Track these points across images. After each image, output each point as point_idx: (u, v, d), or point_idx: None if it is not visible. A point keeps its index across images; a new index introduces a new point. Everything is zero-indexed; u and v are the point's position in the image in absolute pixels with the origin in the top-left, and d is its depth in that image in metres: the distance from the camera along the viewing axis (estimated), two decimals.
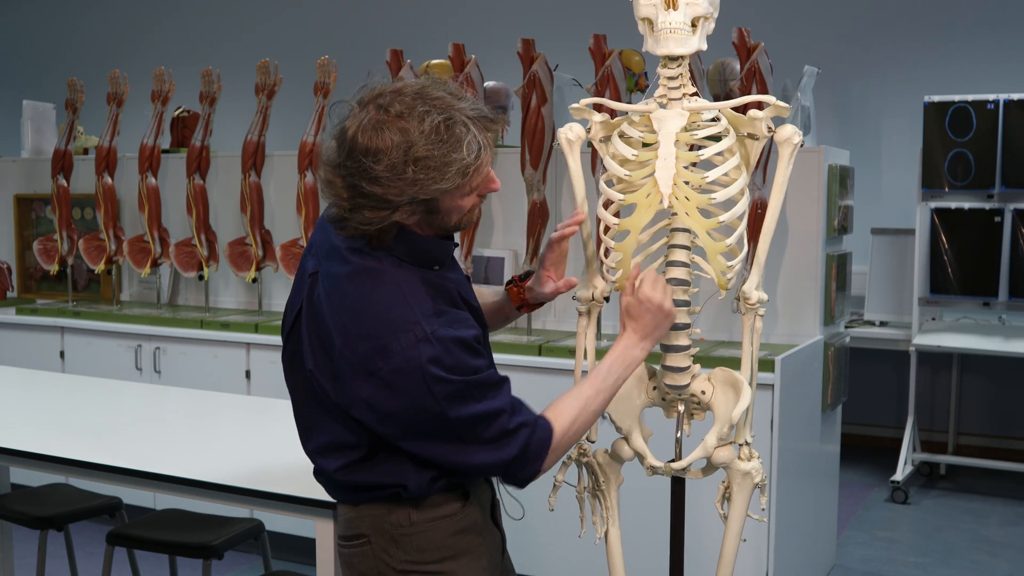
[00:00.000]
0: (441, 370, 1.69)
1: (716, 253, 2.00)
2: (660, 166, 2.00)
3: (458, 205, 1.78)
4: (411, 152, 1.67)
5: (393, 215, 1.71)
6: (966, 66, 6.13)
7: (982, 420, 6.16)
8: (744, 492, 2.17)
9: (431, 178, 1.68)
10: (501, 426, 1.76)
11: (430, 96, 1.71)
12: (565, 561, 3.78)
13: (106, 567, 2.99)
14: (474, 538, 1.89)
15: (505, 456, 1.77)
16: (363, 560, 1.86)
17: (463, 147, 1.70)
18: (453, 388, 1.71)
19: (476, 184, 1.76)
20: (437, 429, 1.74)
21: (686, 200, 1.99)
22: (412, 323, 1.71)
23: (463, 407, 1.72)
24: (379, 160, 1.67)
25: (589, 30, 3.95)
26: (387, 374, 1.70)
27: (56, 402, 3.37)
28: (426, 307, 1.74)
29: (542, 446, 1.81)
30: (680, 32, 1.97)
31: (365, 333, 1.72)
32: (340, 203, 1.74)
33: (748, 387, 2.11)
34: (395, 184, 1.68)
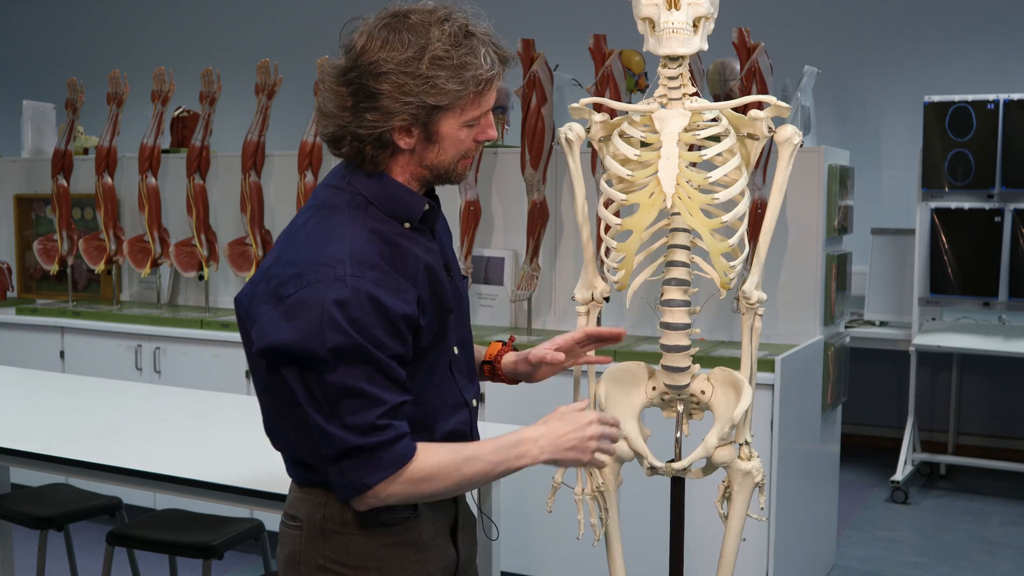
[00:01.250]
0: (342, 318, 1.57)
1: (718, 253, 2.00)
2: (663, 166, 2.00)
3: (457, 137, 1.69)
4: (427, 50, 1.61)
5: (395, 121, 1.64)
6: (966, 66, 6.13)
7: (982, 420, 6.16)
8: (744, 492, 2.17)
9: (444, 77, 1.62)
10: (369, 417, 1.60)
11: (451, 10, 1.67)
12: (565, 561, 3.78)
13: (106, 567, 2.99)
14: (409, 554, 1.76)
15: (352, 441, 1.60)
16: (291, 542, 1.78)
17: (480, 56, 1.65)
18: (345, 344, 1.58)
19: (481, 111, 1.70)
20: (312, 376, 1.61)
21: (688, 200, 1.99)
22: (336, 260, 1.62)
23: (346, 371, 1.59)
24: (392, 57, 1.61)
25: (589, 30, 3.95)
26: (291, 302, 1.61)
27: (56, 402, 3.37)
28: (361, 253, 1.64)
29: (393, 461, 1.62)
30: (682, 32, 1.97)
31: (290, 259, 1.66)
32: (341, 111, 1.67)
33: (749, 387, 2.11)
34: (406, 81, 1.62)
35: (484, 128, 1.73)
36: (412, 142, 1.69)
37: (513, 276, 4.26)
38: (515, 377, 2.03)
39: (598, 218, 2.17)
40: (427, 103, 1.63)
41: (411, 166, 1.72)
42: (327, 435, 1.62)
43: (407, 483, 1.64)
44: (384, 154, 1.70)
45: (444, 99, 1.63)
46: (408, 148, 1.69)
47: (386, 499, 1.66)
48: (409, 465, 1.63)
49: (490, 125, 1.74)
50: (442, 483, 1.67)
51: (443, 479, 1.67)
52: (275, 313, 1.63)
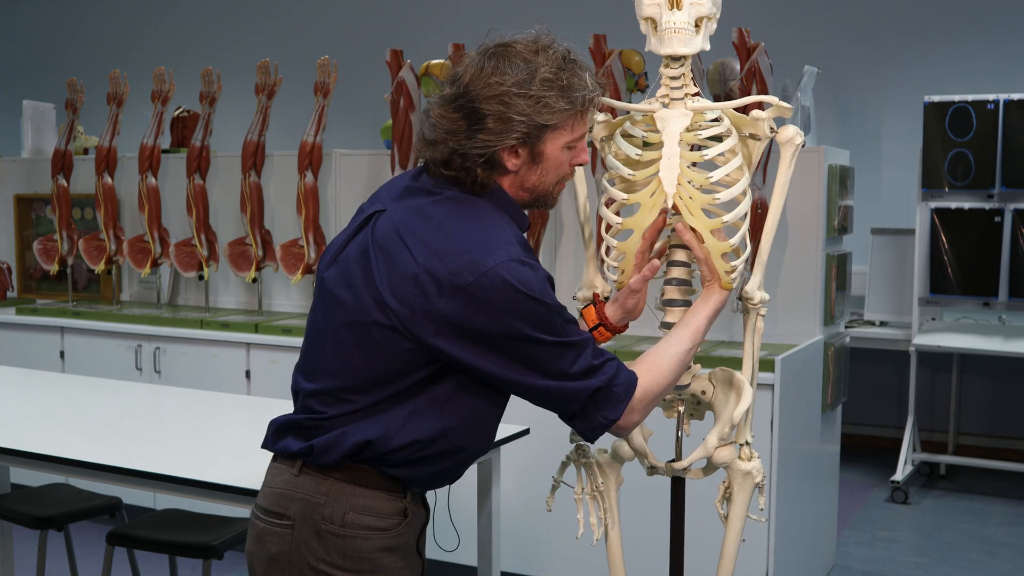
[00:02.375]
0: (530, 290, 1.69)
1: (719, 253, 2.00)
2: (664, 166, 2.00)
3: (558, 159, 1.80)
4: (536, 73, 1.73)
5: (505, 140, 1.73)
6: (966, 66, 6.13)
7: (982, 420, 6.16)
8: (745, 492, 2.17)
9: (553, 97, 1.73)
10: (587, 360, 1.75)
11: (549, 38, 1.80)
12: (565, 561, 3.78)
13: (106, 567, 2.99)
14: (398, 559, 1.81)
15: (588, 385, 1.75)
16: (278, 542, 1.78)
17: (584, 79, 1.77)
18: (540, 311, 1.70)
19: (579, 133, 1.80)
20: (522, 351, 1.72)
21: (690, 200, 1.99)
22: (505, 243, 1.72)
23: (549, 333, 1.71)
24: (504, 80, 1.72)
25: (589, 30, 3.95)
26: (477, 289, 1.68)
27: (56, 402, 3.37)
28: (520, 238, 1.78)
29: (627, 389, 1.79)
30: (684, 32, 1.97)
31: (454, 249, 1.70)
32: (452, 135, 1.75)
33: (749, 387, 2.11)
34: (518, 102, 1.72)
35: (579, 152, 1.84)
36: (519, 163, 1.78)
37: None
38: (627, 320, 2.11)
39: (599, 217, 2.17)
40: (537, 121, 1.74)
41: (514, 188, 1.82)
42: (565, 393, 1.76)
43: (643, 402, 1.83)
44: (492, 175, 1.79)
45: (553, 118, 1.75)
46: (514, 169, 1.79)
47: (638, 420, 1.85)
48: (638, 389, 1.81)
49: (584, 150, 1.85)
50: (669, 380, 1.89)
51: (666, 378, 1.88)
52: (460, 303, 1.68)
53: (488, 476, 2.81)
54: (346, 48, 7.16)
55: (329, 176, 4.69)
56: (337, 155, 4.70)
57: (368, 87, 6.39)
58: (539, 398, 1.78)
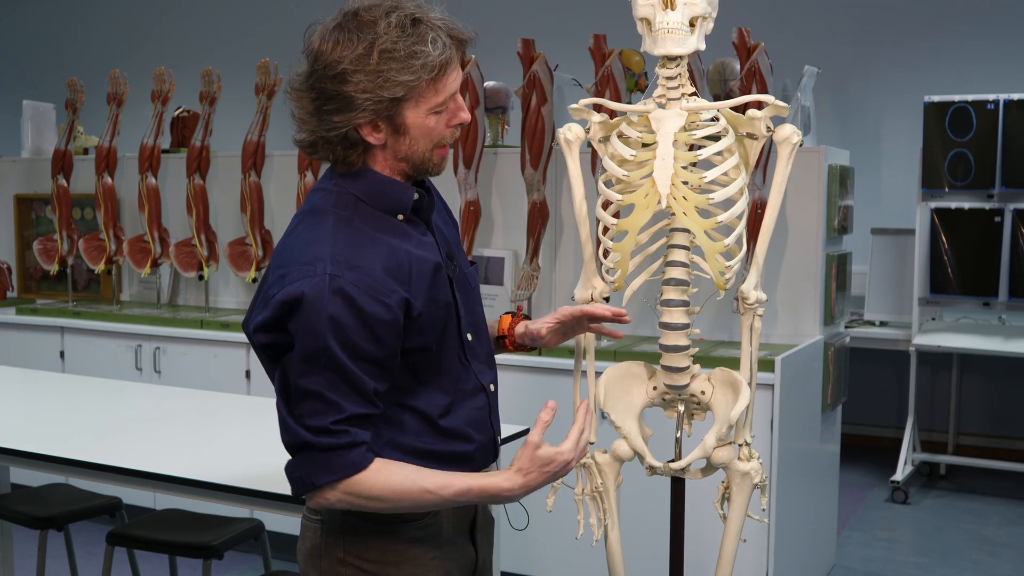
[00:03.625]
0: (316, 318, 1.60)
1: (714, 253, 2.00)
2: (658, 166, 2.00)
3: (424, 125, 1.69)
4: (376, 44, 1.62)
5: (357, 118, 1.65)
6: (966, 66, 6.13)
7: (982, 420, 6.16)
8: (743, 492, 2.17)
9: (395, 69, 1.62)
10: (325, 422, 1.62)
11: (398, 2, 1.67)
12: (565, 561, 3.78)
13: (106, 567, 2.99)
14: (427, 551, 1.78)
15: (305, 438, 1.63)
16: (312, 536, 1.80)
17: (428, 42, 1.64)
18: (313, 344, 1.60)
19: (442, 96, 1.68)
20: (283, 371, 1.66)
21: (684, 200, 1.99)
22: (318, 259, 1.63)
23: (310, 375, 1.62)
24: (344, 56, 1.62)
25: (589, 30, 3.95)
26: (275, 302, 1.64)
27: (56, 402, 3.37)
28: (342, 253, 1.64)
29: (344, 467, 1.64)
30: (678, 32, 1.97)
31: (277, 264, 1.69)
32: (309, 117, 1.68)
33: (747, 387, 2.11)
34: (360, 79, 1.62)
35: (454, 112, 1.73)
36: (382, 137, 1.69)
37: (513, 276, 4.26)
38: (530, 344, 2.07)
39: (597, 219, 2.17)
40: (384, 96, 1.63)
41: (388, 160, 1.73)
42: (286, 425, 1.67)
43: (353, 494, 1.66)
44: (355, 152, 1.71)
45: (399, 90, 1.63)
46: (379, 143, 1.70)
47: (334, 503, 1.68)
48: (359, 475, 1.65)
49: (460, 108, 1.73)
50: (390, 504, 1.69)
51: (392, 501, 1.68)
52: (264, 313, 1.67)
53: None
54: None
55: None
56: None
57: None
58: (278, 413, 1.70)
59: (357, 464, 1.65)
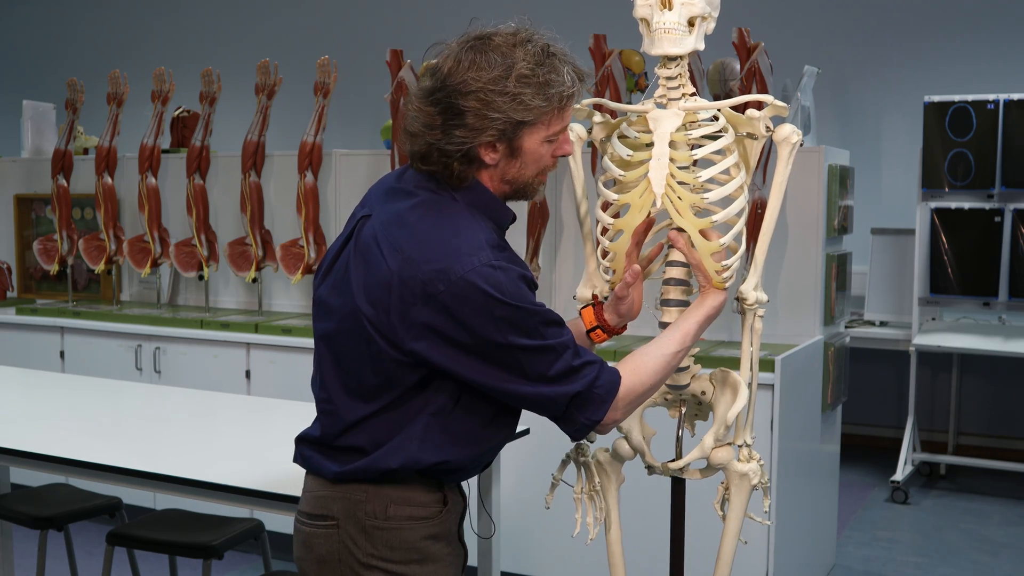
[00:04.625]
0: (502, 295, 1.69)
1: (708, 253, 1.99)
2: (654, 166, 1.99)
3: (538, 152, 1.79)
4: (513, 69, 1.71)
5: (482, 137, 1.73)
6: (966, 66, 6.13)
7: (982, 420, 6.16)
8: (741, 494, 2.16)
9: (530, 94, 1.71)
10: (566, 362, 1.74)
11: (532, 32, 1.78)
12: (565, 561, 3.78)
13: (106, 567, 2.99)
14: (444, 547, 1.85)
15: (568, 390, 1.74)
16: (326, 543, 1.81)
17: (563, 74, 1.75)
18: (514, 314, 1.70)
19: (562, 126, 1.79)
20: (499, 357, 1.72)
21: (679, 200, 1.98)
22: (477, 248, 1.72)
23: (525, 336, 1.71)
24: (480, 76, 1.71)
25: (589, 30, 3.95)
26: (447, 297, 1.68)
27: (56, 402, 3.37)
28: (491, 239, 1.76)
29: (609, 390, 1.78)
30: (675, 32, 1.97)
31: (426, 257, 1.71)
32: (430, 129, 1.75)
33: (745, 388, 2.10)
34: (494, 99, 1.71)
35: (562, 144, 1.83)
36: (497, 157, 1.78)
37: None
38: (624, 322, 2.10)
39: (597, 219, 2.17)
40: (514, 119, 1.73)
41: (494, 182, 1.82)
42: (544, 398, 1.75)
43: (627, 401, 1.83)
44: (470, 169, 1.79)
45: (530, 115, 1.73)
46: (493, 163, 1.79)
47: (621, 419, 1.85)
48: (622, 387, 1.80)
49: (567, 141, 1.84)
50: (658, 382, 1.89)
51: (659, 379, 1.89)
52: (432, 312, 1.70)
53: (488, 475, 2.81)
54: (346, 48, 7.16)
55: (329, 176, 4.69)
56: (337, 155, 4.70)
57: (368, 87, 6.39)
58: (521, 403, 1.79)
59: (614, 383, 1.80)
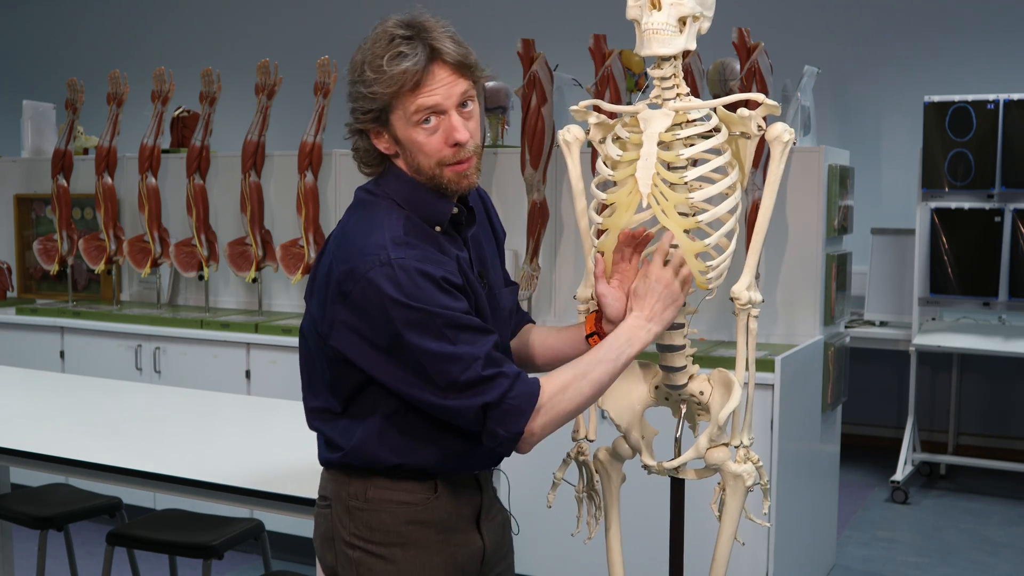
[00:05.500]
0: (399, 294, 1.68)
1: (692, 253, 1.98)
2: (640, 166, 1.99)
3: (414, 139, 1.75)
4: (367, 55, 1.74)
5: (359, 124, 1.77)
6: (966, 66, 6.13)
7: (982, 420, 6.16)
8: (736, 495, 2.15)
9: (372, 80, 1.72)
10: (475, 372, 1.69)
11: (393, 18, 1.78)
12: (565, 561, 3.78)
13: (106, 567, 2.99)
14: (431, 534, 1.84)
15: (477, 401, 1.70)
16: (323, 522, 1.90)
17: (406, 56, 1.72)
18: (413, 316, 1.68)
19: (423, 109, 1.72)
20: (406, 360, 1.70)
21: (664, 200, 1.98)
22: (379, 247, 1.71)
23: (428, 339, 1.68)
24: (352, 66, 1.77)
25: (589, 30, 3.95)
26: (356, 296, 1.71)
27: (56, 402, 3.37)
28: (400, 237, 1.73)
29: (526, 401, 1.72)
30: (663, 33, 1.96)
31: (342, 257, 1.75)
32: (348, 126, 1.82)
33: (738, 389, 2.09)
34: (354, 89, 1.75)
35: (448, 131, 1.75)
36: (390, 148, 1.79)
37: (513, 276, 4.26)
38: None
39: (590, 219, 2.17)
40: (367, 107, 1.75)
41: (409, 171, 1.81)
42: (454, 411, 1.72)
43: (550, 410, 1.75)
44: (373, 155, 1.82)
45: (376, 103, 1.73)
46: (389, 152, 1.80)
47: (542, 433, 1.76)
48: (541, 395, 1.74)
49: (453, 128, 1.75)
50: (578, 393, 1.78)
51: (576, 391, 1.78)
52: (347, 311, 1.73)
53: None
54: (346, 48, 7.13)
55: (329, 176, 4.69)
56: (337, 155, 4.70)
57: None
58: (433, 411, 1.75)
59: (532, 392, 1.74)
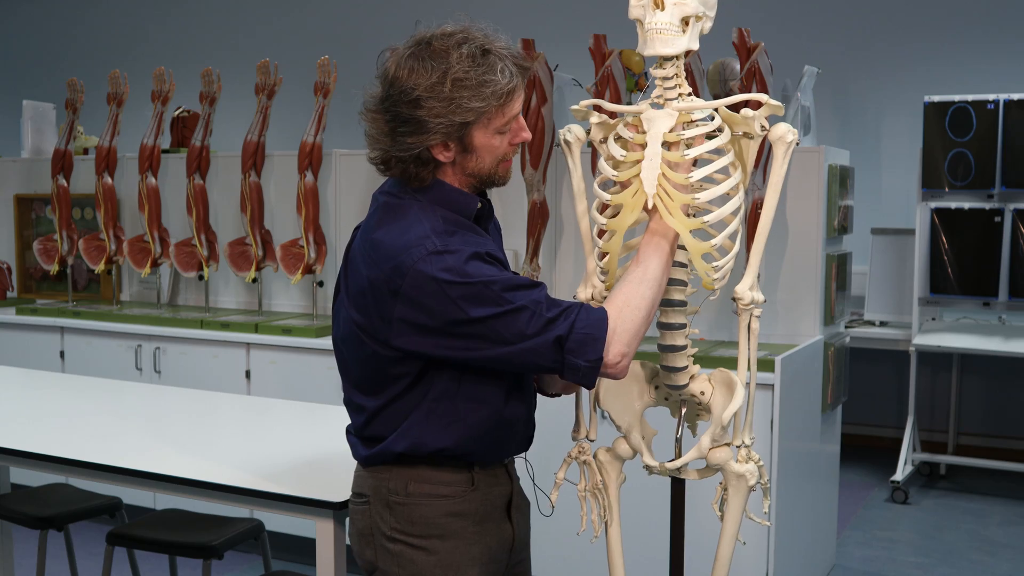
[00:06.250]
0: (452, 275, 1.75)
1: (698, 254, 1.99)
2: (645, 166, 1.99)
3: (491, 144, 1.84)
4: (448, 73, 1.77)
5: (430, 140, 1.79)
6: (966, 66, 6.13)
7: (982, 420, 6.16)
8: (739, 494, 2.16)
9: (466, 96, 1.77)
10: (541, 317, 1.77)
11: (469, 32, 1.82)
12: (565, 561, 3.78)
13: (106, 567, 2.99)
14: (468, 525, 1.92)
15: (549, 336, 1.76)
16: (361, 518, 1.95)
17: (497, 72, 1.79)
18: (469, 290, 1.75)
19: (507, 119, 1.83)
20: (474, 332, 1.77)
21: (670, 200, 1.98)
22: (423, 238, 1.78)
23: (491, 306, 1.75)
24: (419, 84, 1.77)
25: (589, 30, 3.95)
26: (407, 290, 1.77)
27: (56, 402, 3.37)
28: (440, 226, 1.81)
29: (596, 327, 1.79)
30: (666, 33, 1.96)
31: (384, 257, 1.80)
32: (383, 137, 1.83)
33: (741, 388, 2.09)
34: (433, 105, 1.77)
35: (516, 132, 1.88)
36: (451, 155, 1.84)
37: None
38: None
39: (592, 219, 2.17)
40: (455, 121, 1.79)
41: (457, 175, 1.88)
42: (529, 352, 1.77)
43: (622, 330, 1.81)
44: (427, 170, 1.85)
45: (470, 116, 1.79)
46: (448, 161, 1.85)
47: (626, 349, 1.82)
48: (609, 318, 1.80)
49: (522, 128, 1.89)
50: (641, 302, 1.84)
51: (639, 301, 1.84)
52: (402, 306, 1.78)
53: None
54: (346, 48, 7.15)
55: (329, 176, 4.69)
56: (337, 155, 4.70)
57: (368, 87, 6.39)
58: (510, 365, 1.82)
59: (601, 316, 1.80)
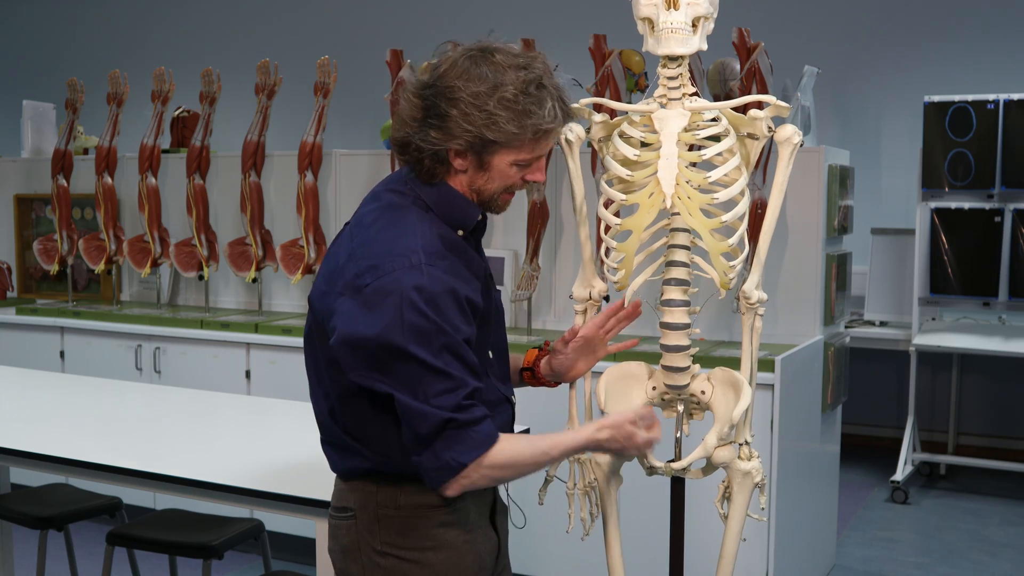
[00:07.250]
0: (421, 300, 1.70)
1: (718, 253, 2.00)
2: (663, 166, 2.00)
3: (506, 172, 1.82)
4: (498, 89, 1.75)
5: (453, 143, 1.77)
6: (966, 66, 6.13)
7: (982, 420, 6.16)
8: (744, 492, 2.17)
9: (505, 117, 1.74)
10: (456, 397, 1.71)
11: (532, 58, 1.81)
12: (565, 561, 3.78)
13: (106, 567, 2.99)
14: (460, 535, 1.88)
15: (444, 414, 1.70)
16: (347, 533, 1.88)
17: (545, 108, 1.78)
18: (424, 325, 1.70)
19: (533, 156, 1.82)
20: (394, 367, 1.71)
21: (688, 200, 1.99)
22: (411, 251, 1.75)
23: (424, 350, 1.69)
24: (466, 87, 1.75)
25: (589, 30, 3.95)
26: (370, 291, 1.72)
27: (56, 402, 3.37)
28: (432, 245, 1.77)
29: (485, 439, 1.74)
30: (681, 32, 1.97)
31: (366, 254, 1.77)
32: (411, 121, 1.80)
33: (748, 387, 2.11)
34: (470, 112, 1.75)
35: (534, 171, 1.86)
36: (465, 165, 1.82)
37: (513, 276, 4.26)
38: (555, 378, 2.15)
39: (598, 218, 2.17)
40: (485, 136, 1.76)
41: (463, 187, 1.85)
42: (420, 413, 1.71)
43: (492, 467, 1.75)
44: (440, 169, 1.83)
45: (500, 136, 1.77)
46: (461, 170, 1.83)
47: (475, 482, 1.76)
48: (494, 448, 1.75)
49: (540, 169, 1.86)
50: (518, 470, 1.81)
51: (520, 467, 1.80)
52: (354, 303, 1.74)
53: None
54: (346, 48, 7.16)
55: (329, 176, 4.69)
56: (337, 155, 4.70)
57: (368, 87, 6.39)
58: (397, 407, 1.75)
59: (492, 436, 1.75)
